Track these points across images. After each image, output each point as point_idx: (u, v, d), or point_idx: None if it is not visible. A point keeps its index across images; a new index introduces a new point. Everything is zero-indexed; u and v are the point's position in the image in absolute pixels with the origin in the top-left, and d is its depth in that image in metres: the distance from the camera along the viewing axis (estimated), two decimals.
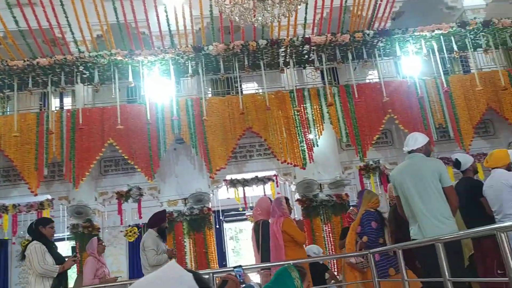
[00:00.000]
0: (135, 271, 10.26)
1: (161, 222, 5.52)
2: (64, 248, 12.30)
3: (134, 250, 10.91)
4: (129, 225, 9.42)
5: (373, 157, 8.92)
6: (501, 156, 4.26)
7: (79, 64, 7.81)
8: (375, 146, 8.80)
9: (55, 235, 4.99)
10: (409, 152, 3.97)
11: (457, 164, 4.60)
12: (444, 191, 3.65)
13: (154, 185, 8.83)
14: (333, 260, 7.73)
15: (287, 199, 5.16)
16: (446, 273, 2.97)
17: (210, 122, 8.20)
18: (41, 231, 4.76)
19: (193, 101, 8.43)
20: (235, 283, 3.32)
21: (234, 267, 3.53)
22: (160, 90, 8.37)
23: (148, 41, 8.23)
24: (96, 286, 5.26)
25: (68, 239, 9.53)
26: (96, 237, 6.16)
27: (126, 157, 8.11)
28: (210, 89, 11.06)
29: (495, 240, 2.42)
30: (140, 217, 8.58)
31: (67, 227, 8.79)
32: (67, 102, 11.49)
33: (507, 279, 2.37)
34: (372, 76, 10.98)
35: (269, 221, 4.98)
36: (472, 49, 8.52)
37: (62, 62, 7.73)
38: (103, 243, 6.08)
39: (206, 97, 8.59)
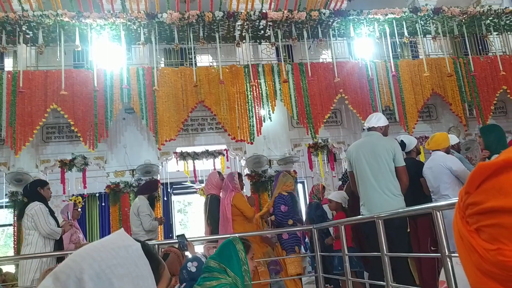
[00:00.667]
0: None
1: (152, 191, 5.73)
2: (2, 216, 11.79)
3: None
4: (73, 195, 9.13)
5: (322, 136, 9.11)
6: (442, 140, 4.48)
7: (22, 23, 7.32)
8: (324, 125, 8.98)
9: None
10: (368, 130, 4.06)
11: (402, 145, 4.80)
12: (396, 170, 3.83)
13: (101, 155, 8.58)
14: None
15: (240, 175, 5.22)
16: (384, 248, 3.11)
17: (162, 93, 8.01)
18: (40, 192, 4.68)
19: (145, 70, 8.18)
20: (177, 255, 3.32)
21: (177, 236, 3.53)
22: (109, 56, 8.04)
23: (98, 4, 7.83)
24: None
25: (6, 207, 9.12)
26: (72, 202, 6.05)
27: (72, 123, 7.77)
28: (163, 59, 10.77)
29: (430, 218, 2.56)
30: (85, 187, 8.34)
31: (6, 195, 8.40)
32: (8, 63, 10.82)
33: (439, 254, 2.52)
34: (326, 56, 11.11)
35: (220, 195, 5.06)
36: (421, 35, 8.79)
37: (3, 20, 7.22)
38: (78, 209, 6.06)
39: (159, 67, 8.36)
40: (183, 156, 9.04)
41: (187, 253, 3.28)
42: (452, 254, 2.39)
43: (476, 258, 0.47)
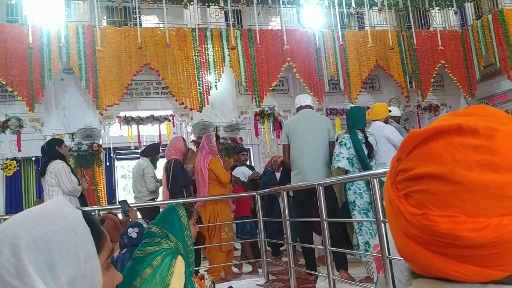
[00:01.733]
0: (13, 206, 9.57)
1: (155, 153, 5.90)
2: None
3: (12, 184, 10.12)
4: (7, 158, 8.65)
5: (268, 104, 9.15)
6: (381, 110, 4.66)
7: None
8: (271, 93, 9.01)
9: None
10: (303, 108, 4.37)
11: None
12: (329, 145, 4.24)
13: (37, 117, 8.13)
14: None
15: (218, 137, 5.11)
16: (324, 214, 3.23)
17: (104, 54, 7.65)
18: (58, 150, 4.69)
19: (85, 28, 7.74)
20: (114, 222, 3.27)
21: (119, 202, 3.47)
22: (46, 12, 7.49)
23: None
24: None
25: None
26: None
27: (4, 82, 7.27)
28: (105, 17, 10.21)
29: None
30: (20, 150, 7.91)
31: None
32: None
33: (375, 220, 2.65)
34: (275, 23, 11.03)
35: (197, 159, 5.01)
36: (368, 6, 8.93)
37: None
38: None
39: (100, 26, 7.93)
40: (127, 120, 8.76)
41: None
42: (386, 220, 2.52)
43: (403, 223, 0.49)
